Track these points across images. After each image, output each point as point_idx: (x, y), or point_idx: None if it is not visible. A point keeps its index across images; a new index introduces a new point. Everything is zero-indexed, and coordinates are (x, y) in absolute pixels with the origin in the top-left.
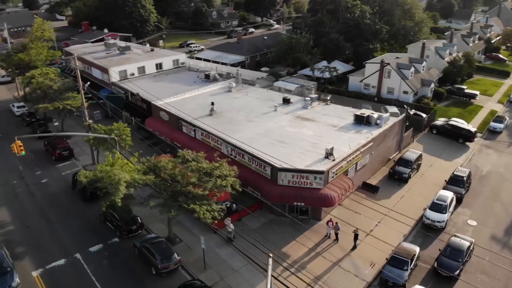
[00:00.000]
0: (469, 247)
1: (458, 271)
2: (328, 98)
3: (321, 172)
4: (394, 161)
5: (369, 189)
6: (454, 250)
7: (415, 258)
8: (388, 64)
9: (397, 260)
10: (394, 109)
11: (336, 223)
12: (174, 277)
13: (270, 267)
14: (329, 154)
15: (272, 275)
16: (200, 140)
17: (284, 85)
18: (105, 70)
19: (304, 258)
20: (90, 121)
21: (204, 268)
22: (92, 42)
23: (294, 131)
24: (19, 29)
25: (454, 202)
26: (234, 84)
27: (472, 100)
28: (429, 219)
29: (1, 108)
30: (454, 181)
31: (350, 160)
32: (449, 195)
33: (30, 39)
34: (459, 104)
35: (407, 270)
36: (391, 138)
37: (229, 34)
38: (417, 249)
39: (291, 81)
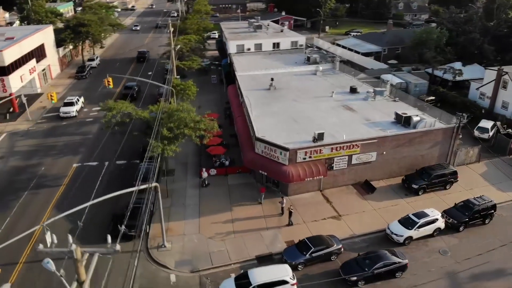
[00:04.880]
0: (391, 264)
1: (355, 278)
2: (429, 98)
3: (286, 149)
4: (416, 169)
5: (366, 187)
6: (369, 259)
7: (325, 250)
8: (507, 73)
9: (303, 244)
10: (489, 123)
11: (283, 197)
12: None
13: (159, 197)
14: (315, 138)
15: None
16: (241, 106)
17: (390, 79)
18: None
19: (239, 215)
20: (178, 77)
21: (167, 196)
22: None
23: (322, 115)
24: (222, 6)
25: (437, 225)
26: (320, 68)
27: None
28: (389, 229)
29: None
30: (463, 207)
31: (335, 149)
32: (432, 215)
33: (191, 12)
34: None
35: (305, 255)
36: (426, 145)
37: (404, 27)
38: (337, 245)
39: (402, 76)
